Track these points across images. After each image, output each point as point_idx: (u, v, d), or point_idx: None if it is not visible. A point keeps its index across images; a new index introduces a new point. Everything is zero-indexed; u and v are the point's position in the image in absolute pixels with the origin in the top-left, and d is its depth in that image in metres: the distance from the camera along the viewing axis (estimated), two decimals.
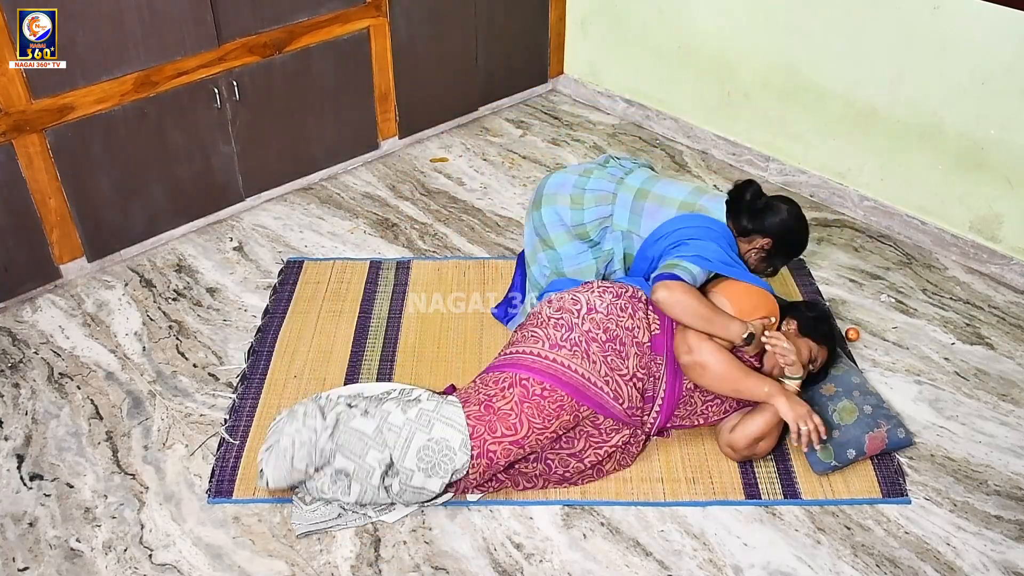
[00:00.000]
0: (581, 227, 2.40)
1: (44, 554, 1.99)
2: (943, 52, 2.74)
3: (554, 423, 2.02)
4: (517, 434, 1.99)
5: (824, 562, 1.99)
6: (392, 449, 1.96)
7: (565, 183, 2.45)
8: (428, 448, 1.96)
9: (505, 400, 2.02)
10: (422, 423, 1.99)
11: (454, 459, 1.96)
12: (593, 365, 2.07)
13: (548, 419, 2.01)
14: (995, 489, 2.16)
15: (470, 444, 1.97)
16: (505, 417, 2.00)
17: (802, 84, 3.15)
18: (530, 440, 2.00)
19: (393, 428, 1.98)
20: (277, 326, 2.62)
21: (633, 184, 2.38)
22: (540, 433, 2.01)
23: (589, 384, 2.06)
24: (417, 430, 1.98)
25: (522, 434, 1.99)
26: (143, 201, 2.86)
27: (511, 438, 1.99)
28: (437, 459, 1.96)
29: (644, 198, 2.34)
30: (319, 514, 2.02)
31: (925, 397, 2.42)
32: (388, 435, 1.98)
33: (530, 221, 2.51)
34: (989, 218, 2.84)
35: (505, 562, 1.98)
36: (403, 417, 1.99)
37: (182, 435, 2.29)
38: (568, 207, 2.41)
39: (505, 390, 2.04)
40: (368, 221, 3.13)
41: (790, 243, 2.30)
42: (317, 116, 3.19)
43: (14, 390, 2.42)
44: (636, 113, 3.76)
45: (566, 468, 2.10)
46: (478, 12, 3.49)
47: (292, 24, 2.95)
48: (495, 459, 1.99)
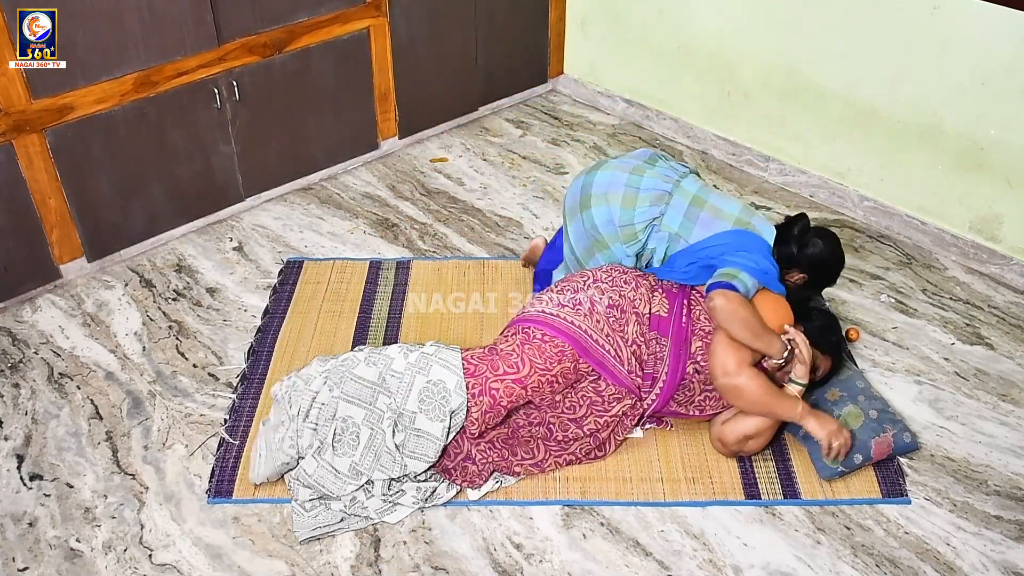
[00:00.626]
0: (630, 227, 2.35)
1: (44, 554, 1.99)
2: (943, 52, 2.74)
3: (556, 367, 2.09)
4: (519, 372, 2.07)
5: (824, 562, 1.99)
6: (395, 393, 2.04)
7: (616, 182, 2.37)
8: (428, 390, 2.04)
9: (508, 343, 2.14)
10: (421, 366, 2.07)
11: (449, 399, 2.02)
12: (596, 324, 2.15)
13: (549, 361, 2.08)
14: (995, 489, 2.16)
15: (465, 384, 2.05)
16: (507, 356, 2.10)
17: (802, 84, 3.15)
18: (532, 380, 2.07)
19: (396, 374, 2.06)
20: (277, 326, 2.62)
21: (690, 190, 2.34)
22: (542, 374, 2.08)
23: (590, 340, 2.13)
24: (417, 373, 2.06)
25: (524, 372, 2.07)
26: (143, 201, 2.86)
27: (513, 376, 2.07)
28: (436, 401, 2.03)
29: (701, 207, 2.31)
30: (321, 519, 2.02)
31: (925, 397, 2.42)
32: (391, 381, 2.05)
33: (578, 222, 2.43)
34: (989, 218, 2.84)
35: (505, 562, 1.98)
36: (404, 362, 2.09)
37: (182, 435, 2.29)
38: (619, 206, 2.35)
39: (508, 337, 2.17)
40: (368, 221, 3.13)
41: (825, 279, 2.36)
42: (317, 116, 3.19)
43: (14, 390, 2.42)
44: (636, 113, 3.75)
45: (565, 432, 2.12)
46: (478, 12, 3.49)
47: (292, 24, 2.95)
48: (497, 398, 2.05)
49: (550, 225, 3.10)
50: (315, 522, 2.01)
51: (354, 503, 2.04)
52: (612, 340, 2.14)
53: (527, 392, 2.07)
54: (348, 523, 2.03)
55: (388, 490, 2.05)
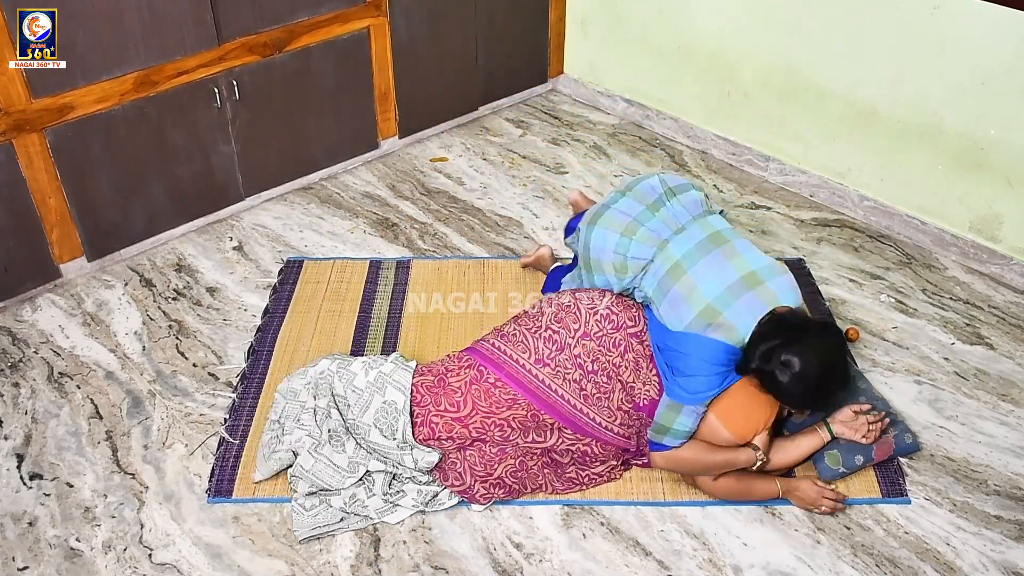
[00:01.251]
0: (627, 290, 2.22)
1: (44, 553, 1.99)
2: (943, 52, 2.74)
3: (505, 412, 2.04)
4: (460, 412, 2.06)
5: (824, 562, 1.99)
6: (352, 407, 2.09)
7: (605, 248, 2.18)
8: (383, 410, 2.07)
9: (458, 378, 2.10)
10: (378, 386, 2.11)
11: (399, 420, 2.05)
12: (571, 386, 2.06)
13: (496, 406, 2.05)
14: (995, 489, 2.16)
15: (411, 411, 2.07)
16: (451, 394, 2.07)
17: (802, 84, 3.15)
18: (475, 422, 2.05)
19: (357, 390, 2.12)
20: (277, 326, 2.62)
21: (674, 254, 2.08)
22: (486, 416, 2.05)
23: (560, 400, 2.05)
24: (375, 393, 2.10)
25: (465, 412, 2.05)
26: (143, 201, 2.86)
27: (453, 414, 2.06)
28: (389, 420, 2.06)
29: (675, 279, 2.05)
30: (320, 518, 2.02)
31: (925, 397, 2.42)
32: (351, 395, 2.12)
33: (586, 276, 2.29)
34: (989, 218, 2.84)
35: (505, 562, 1.98)
36: (364, 380, 2.13)
37: (182, 434, 2.29)
38: (614, 275, 2.18)
39: (461, 370, 2.11)
40: (368, 221, 3.13)
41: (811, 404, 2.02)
42: (317, 116, 3.19)
43: (14, 389, 2.42)
44: (636, 113, 3.76)
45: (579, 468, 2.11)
46: (478, 12, 3.49)
47: (292, 24, 2.95)
48: (436, 431, 2.05)
49: (550, 225, 3.10)
50: (315, 521, 2.01)
51: (354, 501, 2.04)
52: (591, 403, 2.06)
53: (470, 431, 2.04)
54: (348, 523, 2.03)
55: (389, 488, 2.06)
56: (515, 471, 2.08)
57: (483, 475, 2.06)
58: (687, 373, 1.99)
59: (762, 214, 3.18)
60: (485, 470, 2.06)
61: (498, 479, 2.06)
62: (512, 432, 2.05)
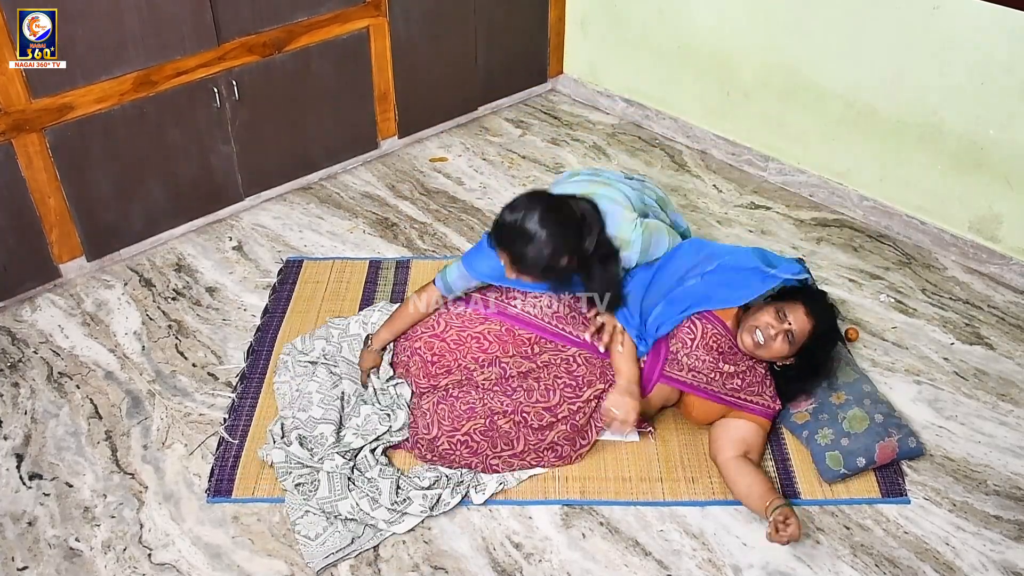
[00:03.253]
0: None
1: (43, 553, 1.99)
2: (942, 52, 2.74)
3: (478, 326, 2.26)
4: (436, 329, 2.28)
5: (823, 562, 1.99)
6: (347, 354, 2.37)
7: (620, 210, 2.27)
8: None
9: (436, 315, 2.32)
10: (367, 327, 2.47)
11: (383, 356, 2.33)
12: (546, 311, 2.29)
13: (469, 322, 2.27)
14: (994, 489, 2.16)
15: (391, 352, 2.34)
16: (428, 320, 2.31)
17: (802, 84, 3.15)
18: (451, 334, 2.25)
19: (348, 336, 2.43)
20: (276, 325, 2.62)
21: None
22: (461, 330, 2.25)
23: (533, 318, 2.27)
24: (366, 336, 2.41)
25: (440, 329, 2.27)
26: (142, 201, 2.86)
27: (430, 333, 2.28)
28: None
29: None
30: (330, 544, 1.98)
31: (924, 397, 2.42)
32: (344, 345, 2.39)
33: None
34: (988, 218, 2.84)
35: (504, 562, 1.98)
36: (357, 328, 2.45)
37: (181, 434, 2.29)
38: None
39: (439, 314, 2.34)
40: (367, 221, 3.13)
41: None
42: (317, 116, 3.19)
43: (13, 389, 2.42)
44: (636, 113, 3.76)
45: (540, 420, 2.12)
46: (478, 12, 3.49)
47: (292, 24, 2.95)
48: (422, 354, 2.26)
49: None
50: (325, 549, 1.97)
51: (360, 512, 2.01)
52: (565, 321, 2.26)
53: (448, 344, 2.24)
54: (359, 543, 1.99)
55: (396, 496, 2.04)
56: (484, 430, 2.10)
57: (450, 429, 2.10)
58: None
59: (761, 214, 3.18)
60: (452, 425, 2.10)
61: (465, 435, 2.10)
62: (491, 345, 2.23)
